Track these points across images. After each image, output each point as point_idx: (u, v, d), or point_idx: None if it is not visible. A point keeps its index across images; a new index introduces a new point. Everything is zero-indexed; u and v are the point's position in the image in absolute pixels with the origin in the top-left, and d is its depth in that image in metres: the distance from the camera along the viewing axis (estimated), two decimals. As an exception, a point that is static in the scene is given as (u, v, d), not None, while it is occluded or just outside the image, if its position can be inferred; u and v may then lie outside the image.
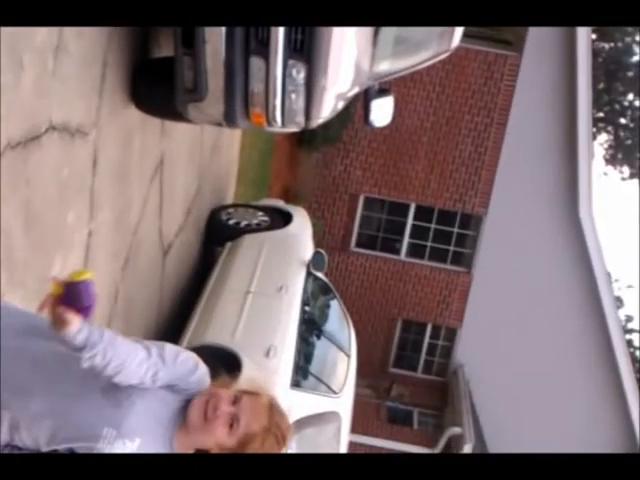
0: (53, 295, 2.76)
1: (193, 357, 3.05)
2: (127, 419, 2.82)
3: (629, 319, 27.50)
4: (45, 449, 2.82)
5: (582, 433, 15.66)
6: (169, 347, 3.01)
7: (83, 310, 2.78)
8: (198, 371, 3.01)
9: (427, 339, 16.63)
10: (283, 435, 2.95)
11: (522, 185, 15.30)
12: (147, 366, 2.89)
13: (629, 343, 23.88)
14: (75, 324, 2.76)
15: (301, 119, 6.02)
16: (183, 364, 2.98)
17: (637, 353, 26.45)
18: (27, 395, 2.81)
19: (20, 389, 2.82)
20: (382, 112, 7.48)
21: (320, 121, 6.25)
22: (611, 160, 26.88)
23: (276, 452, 2.93)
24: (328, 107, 6.10)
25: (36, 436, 2.83)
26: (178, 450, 2.93)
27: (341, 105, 6.33)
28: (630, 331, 26.97)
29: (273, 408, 2.95)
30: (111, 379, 2.84)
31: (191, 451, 2.95)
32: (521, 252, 15.55)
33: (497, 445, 15.36)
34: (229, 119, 5.91)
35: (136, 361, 2.86)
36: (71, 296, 2.76)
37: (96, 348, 2.80)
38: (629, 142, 26.13)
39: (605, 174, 27.17)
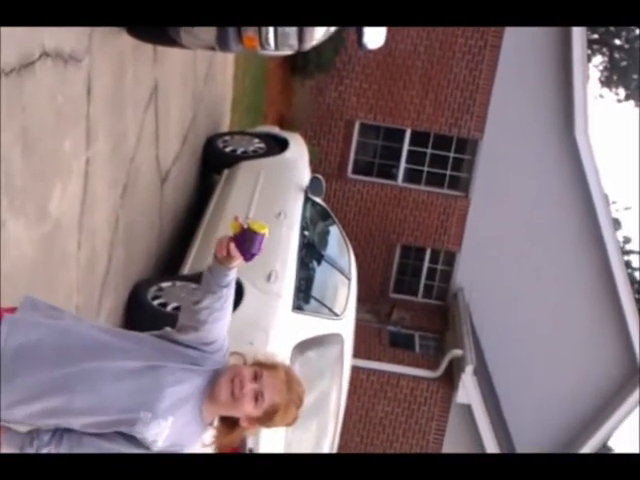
0: (232, 232, 3.13)
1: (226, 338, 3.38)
2: (160, 401, 3.10)
3: (627, 240, 27.65)
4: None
5: (581, 353, 15.85)
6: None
7: (246, 256, 3.15)
8: (222, 351, 3.32)
9: (426, 264, 16.68)
10: (301, 399, 3.27)
11: (518, 108, 15.24)
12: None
13: (627, 264, 24.04)
14: (238, 261, 3.17)
15: (294, 42, 5.99)
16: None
17: (635, 274, 26.62)
18: (69, 391, 3.03)
19: (61, 386, 3.03)
20: (375, 35, 7.44)
21: (313, 43, 6.22)
22: (606, 82, 26.71)
23: (296, 414, 3.27)
24: (321, 29, 6.07)
25: (73, 424, 3.07)
26: (206, 420, 3.24)
27: (333, 27, 6.30)
28: (628, 252, 27.11)
29: (290, 379, 3.25)
30: (202, 324, 3.22)
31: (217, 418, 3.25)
32: (518, 175, 15.55)
33: (498, 367, 15.57)
34: (222, 43, 5.88)
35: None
36: (244, 240, 3.11)
37: (231, 291, 3.23)
38: (624, 64, 25.94)
39: (601, 96, 27.05)
